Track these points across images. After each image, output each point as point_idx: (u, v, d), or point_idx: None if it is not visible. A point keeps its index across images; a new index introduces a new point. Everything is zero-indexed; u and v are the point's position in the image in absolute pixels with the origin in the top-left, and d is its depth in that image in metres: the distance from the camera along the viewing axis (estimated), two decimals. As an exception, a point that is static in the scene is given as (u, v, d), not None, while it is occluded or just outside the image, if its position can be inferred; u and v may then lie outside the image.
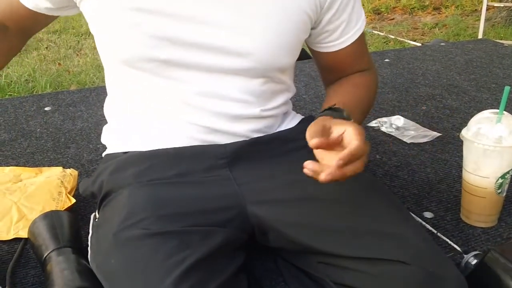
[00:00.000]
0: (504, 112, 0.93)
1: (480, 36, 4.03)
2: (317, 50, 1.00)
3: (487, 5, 3.96)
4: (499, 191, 0.98)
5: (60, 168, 1.19)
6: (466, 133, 0.97)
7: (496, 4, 4.57)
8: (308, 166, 0.73)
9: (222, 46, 0.87)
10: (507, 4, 4.87)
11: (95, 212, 0.97)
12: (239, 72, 0.90)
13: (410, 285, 0.73)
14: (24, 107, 1.74)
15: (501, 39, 4.31)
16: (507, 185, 0.99)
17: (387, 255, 0.75)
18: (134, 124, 0.97)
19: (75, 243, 0.91)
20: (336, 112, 0.88)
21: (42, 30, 5.63)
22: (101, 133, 1.08)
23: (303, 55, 1.11)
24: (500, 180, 0.96)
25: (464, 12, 6.08)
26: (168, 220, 0.78)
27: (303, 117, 1.07)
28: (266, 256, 0.93)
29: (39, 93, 3.60)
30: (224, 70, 0.90)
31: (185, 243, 0.75)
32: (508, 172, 0.96)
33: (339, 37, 0.96)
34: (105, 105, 1.06)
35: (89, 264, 0.86)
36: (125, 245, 0.76)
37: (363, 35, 1.00)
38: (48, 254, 0.87)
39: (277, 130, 1.01)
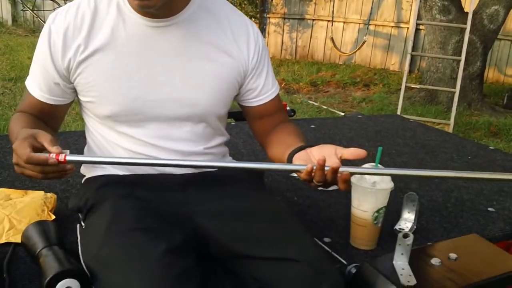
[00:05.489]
0: (379, 165, 1.32)
1: (399, 111, 4.60)
2: (246, 105, 1.38)
3: (405, 86, 4.55)
4: (376, 222, 1.35)
5: (42, 192, 1.48)
6: (353, 178, 1.35)
7: (413, 86, 5.23)
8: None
9: (177, 99, 1.23)
10: (422, 86, 5.58)
11: (79, 223, 1.26)
12: (188, 118, 1.26)
13: (299, 276, 1.05)
14: (1, 144, 2.01)
15: (418, 116, 4.92)
16: (381, 218, 1.36)
17: (285, 255, 1.08)
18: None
19: (62, 244, 1.20)
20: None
21: (-1, 77, 5.66)
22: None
23: (243, 117, 1.48)
24: (376, 214, 1.34)
25: (390, 90, 6.78)
26: (143, 220, 1.10)
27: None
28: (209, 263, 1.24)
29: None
30: (178, 117, 1.25)
31: (156, 236, 1.06)
32: (381, 208, 1.34)
33: (258, 95, 1.35)
34: (85, 149, 1.39)
35: (75, 260, 1.14)
36: (116, 235, 1.07)
37: (278, 97, 1.40)
38: (39, 251, 1.15)
39: None
